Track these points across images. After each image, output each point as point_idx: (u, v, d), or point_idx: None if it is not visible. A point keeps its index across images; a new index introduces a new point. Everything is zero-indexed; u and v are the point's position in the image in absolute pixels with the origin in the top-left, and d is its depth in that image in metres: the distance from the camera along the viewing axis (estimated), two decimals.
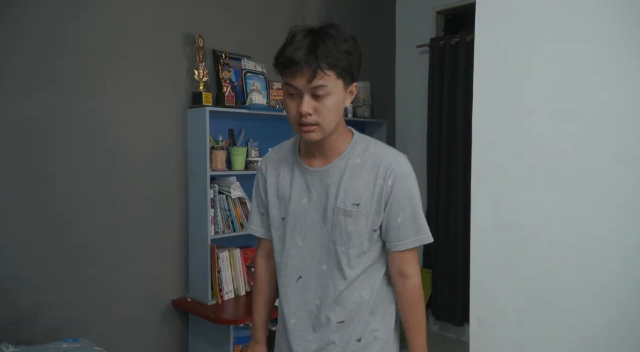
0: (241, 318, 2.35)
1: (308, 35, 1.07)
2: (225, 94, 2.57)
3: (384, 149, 1.20)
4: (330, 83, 1.07)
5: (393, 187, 1.15)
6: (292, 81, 1.07)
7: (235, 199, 2.61)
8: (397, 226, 1.17)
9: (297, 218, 1.22)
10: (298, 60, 1.04)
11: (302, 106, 1.07)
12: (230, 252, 2.60)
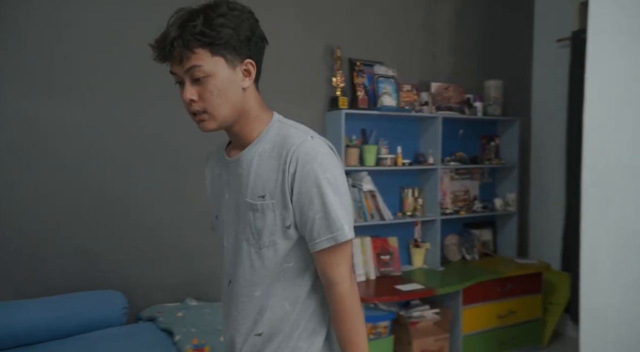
0: (371, 297, 2.63)
1: (183, 15, 0.94)
2: (359, 97, 2.87)
3: (292, 131, 1.00)
4: (206, 63, 0.93)
5: (296, 174, 0.95)
6: (170, 68, 0.97)
7: (366, 191, 2.90)
8: (307, 220, 0.97)
9: (222, 216, 1.11)
10: (164, 43, 0.93)
11: (184, 93, 0.95)
12: (361, 240, 2.89)
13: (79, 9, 2.26)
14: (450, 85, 3.31)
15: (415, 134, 3.26)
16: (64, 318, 2.00)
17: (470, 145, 3.47)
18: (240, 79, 0.99)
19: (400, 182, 3.19)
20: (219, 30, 0.93)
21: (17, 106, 2.15)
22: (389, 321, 2.81)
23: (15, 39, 2.13)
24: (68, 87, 2.25)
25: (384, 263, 3.00)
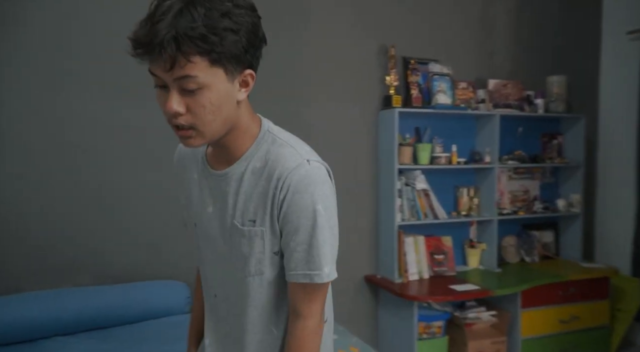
0: (424, 296, 2.62)
1: (175, 5, 0.75)
2: (413, 96, 2.87)
3: (287, 150, 0.89)
4: (202, 73, 0.77)
5: (285, 201, 0.87)
6: (152, 68, 0.78)
7: (419, 190, 2.89)
8: (287, 248, 0.90)
9: (204, 228, 0.99)
10: (150, 41, 0.73)
11: (168, 104, 0.79)
12: (415, 239, 2.88)
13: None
14: (509, 82, 3.22)
15: (471, 133, 3.20)
16: (135, 303, 2.17)
17: (530, 144, 3.35)
18: (236, 90, 0.85)
19: (454, 181, 3.15)
20: (222, 36, 0.76)
21: (66, 104, 2.35)
22: (444, 321, 2.78)
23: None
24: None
25: (437, 263, 2.97)
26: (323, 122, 2.83)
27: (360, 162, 2.94)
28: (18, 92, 2.20)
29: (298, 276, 0.89)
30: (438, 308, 2.80)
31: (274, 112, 2.67)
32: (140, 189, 2.45)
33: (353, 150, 2.91)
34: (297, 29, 2.74)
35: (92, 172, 2.36)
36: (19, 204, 2.20)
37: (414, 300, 2.61)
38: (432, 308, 2.80)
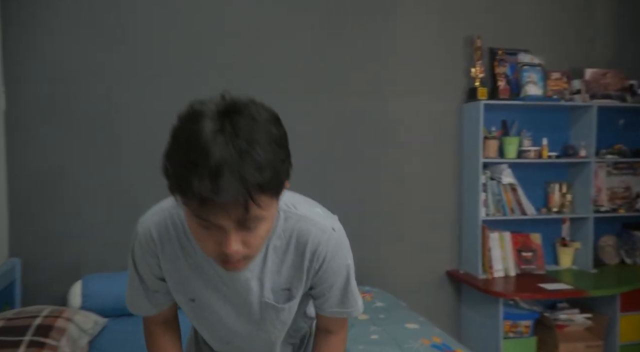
0: (511, 293, 2.54)
1: (221, 140, 0.68)
2: (500, 87, 2.79)
3: (309, 225, 0.92)
4: (266, 210, 0.75)
5: (321, 268, 0.94)
6: (209, 218, 0.73)
7: (506, 184, 2.79)
8: (325, 297, 0.99)
9: (210, 306, 0.98)
10: (220, 201, 0.69)
11: (229, 246, 0.75)
12: (500, 234, 2.80)
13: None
14: (609, 70, 3.00)
15: (564, 125, 3.03)
16: None
17: (634, 137, 3.09)
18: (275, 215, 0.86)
19: (545, 176, 3.00)
20: (281, 169, 0.74)
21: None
22: (532, 321, 2.67)
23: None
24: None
25: (525, 260, 2.85)
26: (405, 116, 2.84)
27: (443, 156, 2.91)
28: (125, 89, 2.47)
29: (334, 313, 1.01)
30: (526, 307, 2.70)
31: (354, 106, 2.77)
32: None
33: (435, 143, 2.89)
34: (380, 21, 2.78)
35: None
36: (134, 193, 2.47)
37: (500, 297, 2.54)
38: (519, 307, 2.70)
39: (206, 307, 0.98)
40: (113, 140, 2.43)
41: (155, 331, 1.05)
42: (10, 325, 1.61)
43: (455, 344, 1.83)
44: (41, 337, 1.56)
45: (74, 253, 2.38)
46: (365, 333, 1.90)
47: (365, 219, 2.80)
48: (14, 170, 2.31)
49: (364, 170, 2.80)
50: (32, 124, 2.33)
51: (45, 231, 2.35)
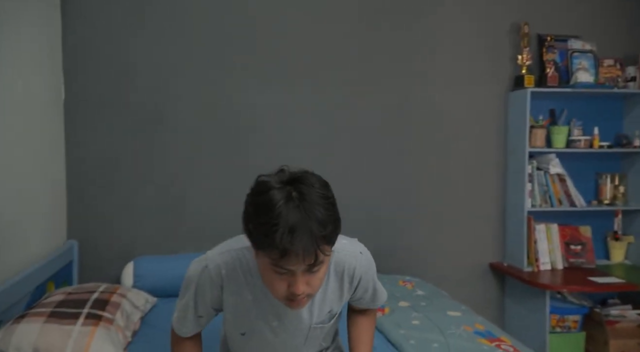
0: (558, 285, 2.46)
1: (296, 211, 0.89)
2: (548, 75, 2.70)
3: (343, 254, 1.12)
4: (327, 257, 0.97)
5: (358, 286, 1.18)
6: (287, 265, 0.93)
7: (554, 175, 2.71)
8: (359, 301, 1.24)
9: (263, 335, 1.16)
10: (296, 251, 0.89)
11: (297, 287, 0.95)
12: (547, 226, 2.71)
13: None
14: None
15: (616, 114, 2.90)
16: None
17: None
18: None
19: (596, 167, 2.88)
20: (338, 225, 0.96)
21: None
22: (581, 315, 2.58)
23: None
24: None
25: (573, 253, 2.75)
26: (449, 105, 2.79)
27: (487, 146, 2.85)
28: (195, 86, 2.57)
29: (366, 305, 1.27)
30: (574, 301, 2.61)
31: (398, 94, 2.75)
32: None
33: (480, 133, 2.84)
34: (425, 9, 2.75)
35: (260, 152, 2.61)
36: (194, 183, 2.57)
37: (547, 289, 2.47)
38: (567, 301, 2.62)
39: (255, 339, 1.17)
40: (164, 132, 2.53)
41: (183, 342, 1.23)
42: (70, 298, 1.72)
43: (499, 332, 1.80)
44: (98, 310, 1.66)
45: (127, 237, 2.50)
46: (406, 319, 1.90)
47: (408, 209, 2.79)
48: (72, 158, 2.45)
49: (407, 160, 2.78)
50: (89, 115, 2.46)
51: (100, 216, 2.48)
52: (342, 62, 2.69)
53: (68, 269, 2.29)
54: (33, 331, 1.48)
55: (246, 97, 2.60)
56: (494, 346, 1.65)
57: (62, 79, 2.42)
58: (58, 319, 1.56)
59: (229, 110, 2.60)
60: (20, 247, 1.87)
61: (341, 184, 2.55)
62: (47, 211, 2.20)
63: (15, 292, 1.69)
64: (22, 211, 1.91)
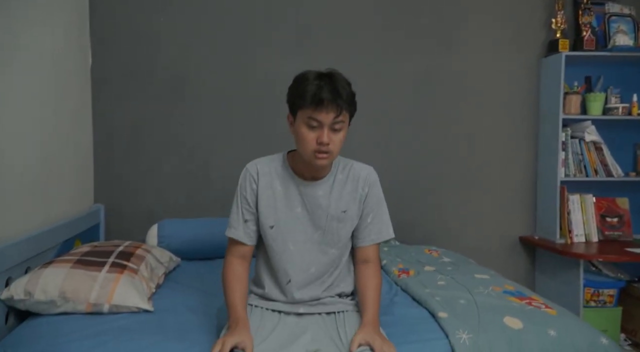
0: (595, 255, 2.35)
1: (325, 79, 1.25)
2: (585, 38, 2.58)
3: (358, 165, 1.44)
4: (345, 120, 1.28)
5: (368, 193, 1.41)
6: (318, 116, 1.24)
7: (589, 143, 2.59)
8: (366, 224, 1.42)
9: (289, 225, 1.37)
10: (328, 99, 1.22)
11: (323, 137, 1.24)
12: (582, 197, 2.60)
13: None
14: None
15: None
16: None
17: None
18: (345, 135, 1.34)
19: (635, 137, 2.74)
20: (355, 103, 1.31)
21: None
22: (617, 289, 2.46)
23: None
24: None
25: (609, 226, 2.63)
26: (480, 71, 2.71)
27: (518, 113, 2.75)
28: None
29: (374, 240, 1.42)
30: (609, 274, 2.50)
31: (426, 61, 2.68)
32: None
33: (511, 100, 2.74)
34: None
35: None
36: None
37: (581, 258, 2.37)
38: (602, 274, 2.51)
39: (285, 228, 1.37)
40: (189, 99, 2.54)
41: (233, 262, 1.38)
42: (96, 250, 1.74)
43: (530, 292, 1.73)
44: (123, 261, 1.67)
45: (152, 202, 2.52)
46: (432, 280, 1.85)
47: (435, 179, 2.72)
48: (98, 123, 2.49)
49: (434, 130, 2.72)
50: (115, 82, 2.49)
51: (126, 181, 2.51)
52: (367, 31, 2.64)
53: (95, 231, 2.33)
54: (59, 275, 1.50)
55: (270, 65, 2.58)
56: (525, 303, 1.58)
57: (90, 46, 2.45)
58: (84, 265, 1.57)
59: (252, 78, 2.58)
60: (48, 210, 1.91)
61: (366, 153, 2.54)
62: (74, 176, 2.24)
63: (43, 241, 1.72)
64: (50, 175, 1.94)
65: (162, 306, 1.58)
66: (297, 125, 1.29)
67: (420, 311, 1.58)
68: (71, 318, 1.45)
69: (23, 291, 1.44)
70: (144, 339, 1.32)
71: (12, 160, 1.65)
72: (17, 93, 1.69)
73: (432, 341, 1.37)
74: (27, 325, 1.43)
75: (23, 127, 1.73)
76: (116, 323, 1.42)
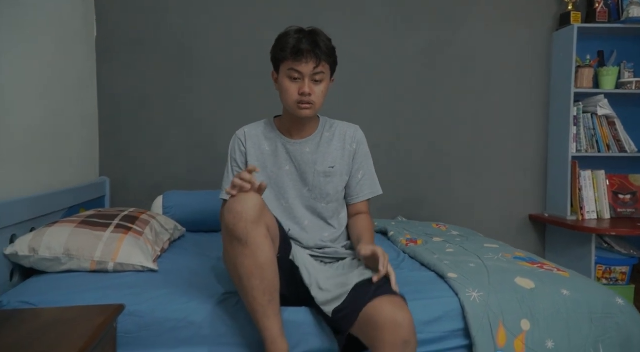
0: (606, 229, 2.31)
1: (304, 32, 1.32)
2: (597, 10, 2.52)
3: (345, 123, 1.51)
4: (326, 72, 1.34)
5: (356, 150, 1.48)
6: (298, 67, 1.31)
7: (602, 117, 2.54)
8: (357, 181, 1.49)
9: (279, 183, 1.44)
10: (307, 50, 1.29)
11: (305, 88, 1.31)
12: (593, 173, 2.56)
13: None
14: None
15: None
16: None
17: None
18: (328, 88, 1.40)
19: None
20: (334, 55, 1.38)
21: None
22: (629, 267, 2.42)
23: None
24: None
25: (622, 203, 2.58)
26: (489, 45, 2.66)
27: (528, 88, 2.70)
28: None
29: (366, 196, 1.51)
30: (622, 251, 2.45)
31: (435, 35, 2.64)
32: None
33: (521, 74, 2.69)
34: None
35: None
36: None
37: (592, 232, 2.32)
38: (614, 251, 2.46)
39: (274, 187, 1.44)
40: (194, 71, 2.52)
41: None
42: (101, 214, 1.72)
43: (541, 259, 1.69)
44: (128, 223, 1.65)
45: (156, 175, 2.51)
46: (440, 248, 1.81)
47: (442, 156, 2.69)
48: (103, 96, 2.47)
49: (443, 105, 2.68)
50: (120, 53, 2.47)
51: (131, 154, 2.50)
52: (374, 5, 2.60)
53: (100, 203, 2.32)
54: (64, 233, 1.48)
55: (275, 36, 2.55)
56: (536, 267, 1.54)
57: (94, 16, 2.43)
58: (89, 226, 1.56)
59: (258, 50, 2.55)
60: (53, 177, 1.89)
61: (374, 128, 2.52)
62: (80, 146, 2.22)
63: (48, 203, 1.71)
64: (57, 142, 1.93)
65: (166, 267, 1.56)
66: (280, 78, 1.36)
67: (428, 273, 1.55)
68: (76, 275, 1.44)
69: (27, 248, 1.43)
70: (148, 293, 1.31)
71: (20, 120, 1.63)
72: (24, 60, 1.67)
73: (442, 299, 1.34)
74: (32, 281, 1.42)
75: (29, 90, 1.71)
76: (121, 280, 1.41)
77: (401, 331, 1.07)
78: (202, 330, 1.24)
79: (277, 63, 1.36)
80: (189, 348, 1.23)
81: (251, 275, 1.12)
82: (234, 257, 1.13)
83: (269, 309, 1.14)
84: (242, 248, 1.11)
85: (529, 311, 1.32)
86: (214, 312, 1.26)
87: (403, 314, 1.09)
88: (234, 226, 1.11)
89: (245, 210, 1.11)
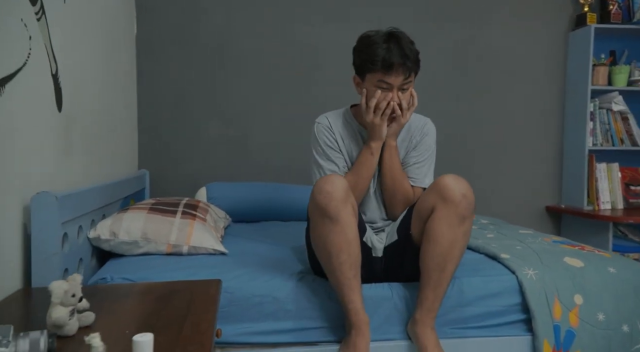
0: (619, 217, 2.45)
1: (392, 41, 1.33)
2: (612, 11, 2.67)
3: (416, 116, 1.56)
4: (413, 80, 1.39)
5: (420, 142, 1.53)
6: (388, 79, 1.34)
7: (616, 112, 2.69)
8: (415, 161, 1.53)
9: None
10: (397, 63, 1.31)
11: (394, 98, 1.36)
12: (608, 166, 2.71)
13: None
14: None
15: None
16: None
17: None
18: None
19: None
20: (419, 63, 1.40)
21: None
22: None
23: None
24: None
25: (634, 194, 2.74)
26: (508, 44, 2.79)
27: (544, 85, 2.85)
28: None
29: (416, 182, 1.53)
30: (635, 239, 2.60)
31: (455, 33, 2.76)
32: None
33: (539, 72, 2.83)
34: None
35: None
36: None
37: (609, 221, 2.47)
38: (628, 238, 2.61)
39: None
40: (231, 66, 2.60)
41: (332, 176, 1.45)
42: (163, 202, 1.79)
43: (578, 243, 1.82)
44: (191, 210, 1.73)
45: (194, 168, 2.58)
46: (480, 234, 1.92)
47: (461, 149, 2.80)
48: (143, 91, 2.54)
49: (462, 100, 2.80)
50: (159, 50, 2.54)
51: (168, 148, 2.57)
52: (401, 2, 2.71)
53: (141, 195, 2.38)
54: (139, 218, 1.56)
55: (309, 34, 2.65)
56: (578, 249, 1.67)
57: (135, 14, 2.49)
58: (159, 212, 1.63)
59: (292, 48, 2.64)
60: (101, 174, 1.93)
61: None
62: (123, 141, 2.28)
63: (115, 191, 1.79)
64: (107, 140, 1.98)
65: (233, 251, 1.64)
66: (366, 86, 1.39)
67: (479, 255, 1.66)
68: (153, 257, 1.52)
69: (108, 231, 1.50)
70: (229, 272, 1.39)
71: (84, 115, 1.69)
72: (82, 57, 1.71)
73: (499, 276, 1.45)
74: (112, 263, 1.49)
75: (89, 88, 1.76)
76: (198, 261, 1.49)
77: (462, 185, 1.30)
78: (285, 305, 1.33)
79: (364, 71, 1.38)
80: (274, 322, 1.32)
81: (340, 250, 1.22)
82: (324, 235, 1.23)
83: (354, 283, 1.24)
84: (332, 225, 1.21)
85: (580, 287, 1.43)
86: (296, 289, 1.35)
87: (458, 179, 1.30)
88: (326, 205, 1.20)
89: (335, 190, 1.21)
